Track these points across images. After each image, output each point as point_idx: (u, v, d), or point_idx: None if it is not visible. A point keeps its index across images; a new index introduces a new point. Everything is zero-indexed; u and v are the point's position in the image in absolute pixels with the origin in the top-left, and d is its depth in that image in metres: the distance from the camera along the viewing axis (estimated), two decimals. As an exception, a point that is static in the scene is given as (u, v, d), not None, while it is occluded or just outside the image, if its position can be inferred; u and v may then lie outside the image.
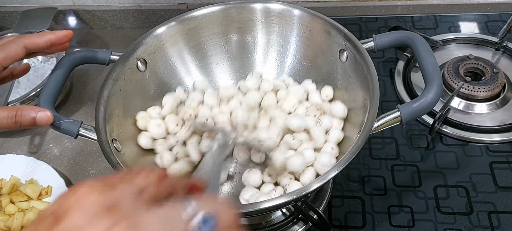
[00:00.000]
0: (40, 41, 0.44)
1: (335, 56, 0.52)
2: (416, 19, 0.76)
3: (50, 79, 0.47)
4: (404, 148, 0.57)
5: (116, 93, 0.49)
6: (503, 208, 0.50)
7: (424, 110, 0.43)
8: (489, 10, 0.76)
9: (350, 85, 0.51)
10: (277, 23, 0.55)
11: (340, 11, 0.78)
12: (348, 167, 0.40)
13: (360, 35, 0.74)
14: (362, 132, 0.42)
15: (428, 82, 0.43)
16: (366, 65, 0.47)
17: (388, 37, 0.50)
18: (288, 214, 0.51)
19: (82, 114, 0.70)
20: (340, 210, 0.52)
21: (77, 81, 0.75)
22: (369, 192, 0.54)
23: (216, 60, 0.58)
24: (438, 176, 0.54)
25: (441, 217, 0.50)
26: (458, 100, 0.61)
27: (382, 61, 0.69)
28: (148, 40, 0.53)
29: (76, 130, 0.44)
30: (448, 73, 0.63)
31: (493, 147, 0.56)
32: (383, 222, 0.51)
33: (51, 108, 0.45)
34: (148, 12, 0.82)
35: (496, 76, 0.61)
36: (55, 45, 0.46)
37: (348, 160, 0.40)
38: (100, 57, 0.50)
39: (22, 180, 0.59)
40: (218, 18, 0.55)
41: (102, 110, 0.46)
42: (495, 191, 0.52)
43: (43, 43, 0.45)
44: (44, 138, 0.67)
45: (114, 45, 0.81)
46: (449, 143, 0.58)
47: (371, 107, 0.44)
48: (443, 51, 0.69)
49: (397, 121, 0.42)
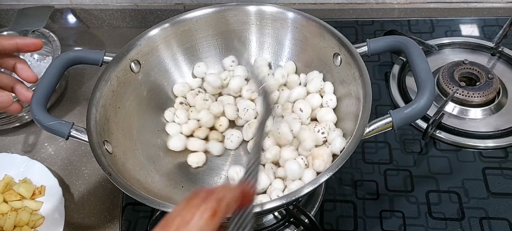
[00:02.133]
0: (6, 43, 0.45)
1: (329, 60, 0.52)
2: (413, 22, 0.75)
3: (42, 80, 0.47)
4: (397, 153, 0.57)
5: (109, 94, 0.49)
6: (495, 214, 0.50)
7: (416, 116, 0.43)
8: (486, 15, 0.76)
9: (344, 89, 0.50)
10: (271, 26, 0.55)
11: (337, 14, 0.78)
12: (340, 171, 0.40)
13: (356, 38, 0.74)
14: (353, 136, 0.42)
15: (421, 88, 0.43)
16: (359, 70, 0.47)
17: (382, 42, 0.50)
18: (280, 217, 0.51)
19: (76, 115, 0.70)
20: (332, 214, 0.52)
21: (72, 81, 0.75)
22: (361, 196, 0.54)
23: (210, 62, 0.58)
24: (430, 181, 0.54)
25: (432, 222, 0.50)
26: (452, 106, 0.61)
27: (378, 65, 0.69)
28: (141, 41, 0.53)
29: (67, 131, 0.44)
30: (443, 78, 0.63)
31: (487, 153, 0.56)
32: (374, 227, 0.51)
33: (42, 109, 0.45)
34: (145, 12, 0.82)
35: (491, 82, 0.61)
36: (21, 51, 0.46)
37: (339, 165, 0.40)
38: (93, 58, 0.50)
39: (16, 179, 0.59)
40: (212, 20, 0.55)
41: (94, 112, 0.46)
42: (487, 197, 0.52)
43: (9, 46, 0.45)
44: (39, 137, 0.67)
45: (110, 45, 0.81)
46: (442, 148, 0.58)
47: (363, 113, 0.44)
48: (438, 55, 0.69)
49: (389, 126, 0.42)
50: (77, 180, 0.61)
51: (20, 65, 0.47)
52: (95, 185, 0.60)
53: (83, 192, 0.59)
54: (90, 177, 0.61)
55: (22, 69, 0.47)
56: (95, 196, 0.59)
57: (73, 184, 0.60)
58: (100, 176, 0.61)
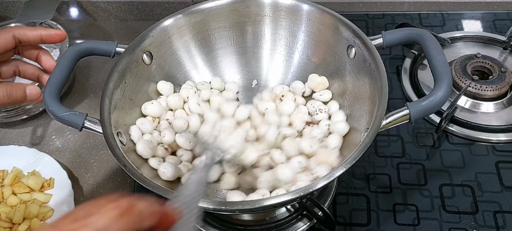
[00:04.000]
0: (31, 34, 0.46)
1: (343, 52, 0.51)
2: (423, 16, 0.75)
3: (54, 71, 0.46)
4: (410, 146, 0.57)
5: (121, 86, 0.48)
6: (509, 208, 0.50)
7: (433, 108, 0.42)
8: (497, 9, 0.75)
9: (358, 82, 0.50)
10: (285, 17, 0.54)
11: (346, 7, 0.78)
12: (353, 164, 0.40)
13: (367, 31, 0.73)
14: (370, 129, 0.42)
15: (438, 81, 0.42)
16: (374, 62, 0.46)
17: (397, 34, 0.49)
18: (293, 210, 0.51)
19: (85, 107, 0.69)
20: (344, 207, 0.52)
21: (80, 73, 0.74)
22: (374, 189, 0.53)
23: (223, 54, 0.57)
24: (443, 175, 0.54)
25: (446, 216, 0.50)
26: (465, 99, 0.61)
27: (389, 58, 0.69)
28: (154, 32, 0.52)
29: (81, 122, 0.43)
30: (456, 71, 0.62)
31: (499, 147, 0.56)
32: (388, 220, 0.50)
33: (56, 100, 0.44)
34: (153, 4, 0.81)
35: (503, 76, 0.61)
36: (45, 42, 0.47)
37: (355, 158, 0.40)
38: (105, 49, 0.50)
39: (24, 171, 0.59)
40: (225, 12, 0.54)
41: (107, 103, 0.45)
42: (500, 191, 0.52)
43: (33, 37, 0.46)
44: (47, 129, 0.66)
45: (118, 37, 0.81)
46: (455, 141, 0.57)
47: (379, 105, 0.43)
48: (450, 49, 0.68)
49: (406, 119, 0.42)
50: (86, 173, 0.60)
51: (44, 56, 0.48)
52: (104, 177, 0.60)
53: (92, 185, 0.59)
54: (99, 170, 0.60)
55: (46, 60, 0.48)
56: (105, 188, 0.58)
57: (82, 176, 0.60)
58: (109, 169, 0.60)
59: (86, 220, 0.21)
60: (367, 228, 0.50)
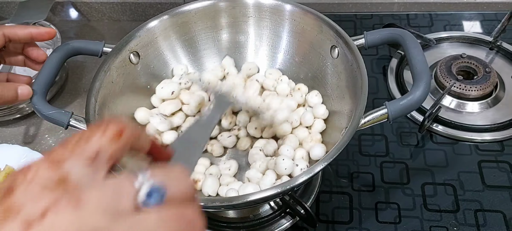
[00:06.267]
0: (20, 32, 0.46)
1: (327, 52, 0.52)
2: (412, 17, 0.76)
3: (42, 70, 0.48)
4: (393, 145, 0.58)
5: (108, 85, 0.49)
6: (490, 207, 0.51)
7: (411, 107, 0.43)
8: (486, 9, 0.76)
9: (340, 81, 0.51)
10: (269, 18, 0.55)
11: (336, 8, 0.78)
12: (337, 162, 0.40)
13: (354, 32, 0.74)
14: (348, 128, 0.42)
15: (417, 80, 0.43)
16: (356, 62, 0.47)
17: (379, 34, 0.50)
18: (276, 208, 0.52)
19: (77, 106, 0.70)
20: (327, 205, 0.53)
21: (72, 73, 0.75)
22: (357, 188, 0.54)
23: (209, 54, 0.58)
24: (426, 174, 0.55)
25: (427, 214, 0.51)
26: (449, 99, 0.61)
27: (376, 59, 0.69)
28: (140, 33, 0.53)
29: (66, 121, 0.44)
30: (441, 71, 0.63)
31: (483, 146, 0.57)
32: (369, 218, 0.51)
33: (42, 98, 0.45)
34: (146, 5, 0.82)
35: (488, 76, 0.61)
36: (35, 39, 0.47)
37: (334, 155, 0.40)
38: (92, 48, 0.51)
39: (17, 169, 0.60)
40: (210, 12, 0.55)
41: (93, 102, 0.47)
42: (482, 190, 0.52)
43: (23, 35, 0.46)
44: (39, 128, 0.67)
45: (111, 38, 0.82)
46: (439, 141, 0.58)
47: (359, 104, 0.44)
48: (436, 49, 0.69)
49: (384, 117, 0.43)
50: (77, 171, 0.61)
51: (29, 47, 0.49)
52: (94, 175, 0.60)
53: (82, 183, 0.60)
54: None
55: (32, 50, 0.49)
56: (95, 186, 0.59)
57: (73, 174, 0.61)
58: (99, 167, 0.61)
59: (83, 145, 0.21)
60: (349, 226, 0.51)
